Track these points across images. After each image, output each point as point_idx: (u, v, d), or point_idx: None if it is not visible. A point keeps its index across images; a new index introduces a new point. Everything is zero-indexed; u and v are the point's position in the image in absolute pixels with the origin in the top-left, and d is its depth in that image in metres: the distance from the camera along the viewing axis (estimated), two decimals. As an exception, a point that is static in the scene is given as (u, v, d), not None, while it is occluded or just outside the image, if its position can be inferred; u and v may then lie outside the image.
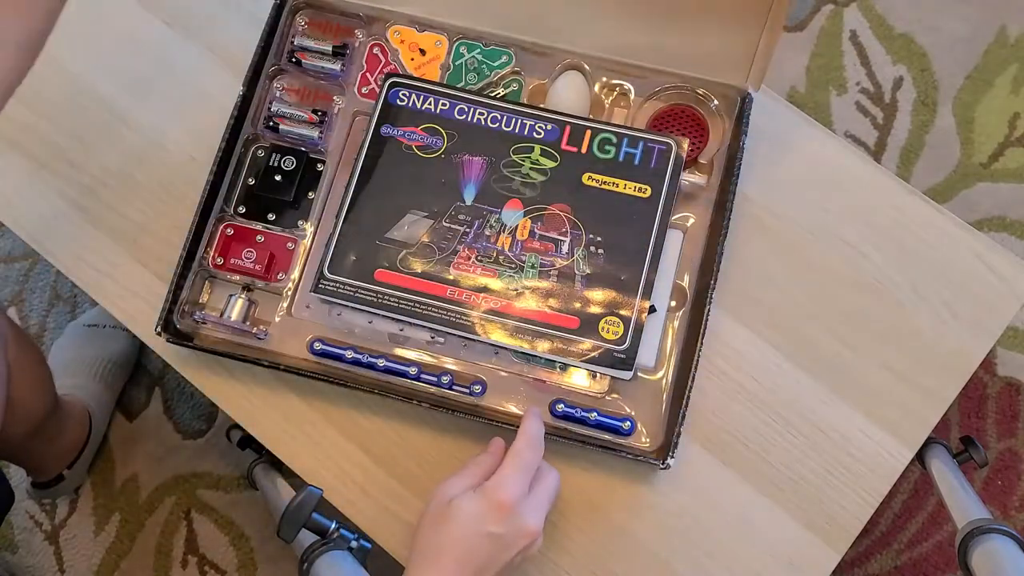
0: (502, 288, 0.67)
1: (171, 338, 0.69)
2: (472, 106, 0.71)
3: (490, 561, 0.57)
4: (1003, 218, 1.23)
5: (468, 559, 0.57)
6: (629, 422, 0.68)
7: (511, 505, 0.57)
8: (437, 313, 0.67)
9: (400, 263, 0.68)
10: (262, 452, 1.05)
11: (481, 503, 0.58)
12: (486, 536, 0.57)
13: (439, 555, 0.57)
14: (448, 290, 0.67)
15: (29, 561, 1.20)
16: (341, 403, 0.72)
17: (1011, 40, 1.29)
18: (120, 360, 1.21)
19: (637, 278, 0.67)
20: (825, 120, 1.28)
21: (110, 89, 0.80)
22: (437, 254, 0.68)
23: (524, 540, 0.58)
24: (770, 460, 0.70)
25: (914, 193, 0.74)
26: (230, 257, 0.71)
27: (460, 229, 0.68)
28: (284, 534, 0.67)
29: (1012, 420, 1.17)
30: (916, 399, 0.70)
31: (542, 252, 0.68)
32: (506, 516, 0.57)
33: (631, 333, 0.66)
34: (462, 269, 0.68)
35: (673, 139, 0.70)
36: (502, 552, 0.57)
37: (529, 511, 0.59)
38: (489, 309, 0.67)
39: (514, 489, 0.58)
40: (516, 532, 0.58)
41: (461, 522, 0.57)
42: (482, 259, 0.68)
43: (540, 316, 0.67)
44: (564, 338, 0.66)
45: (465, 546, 0.57)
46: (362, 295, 0.68)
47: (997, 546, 0.74)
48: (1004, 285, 0.72)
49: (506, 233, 0.68)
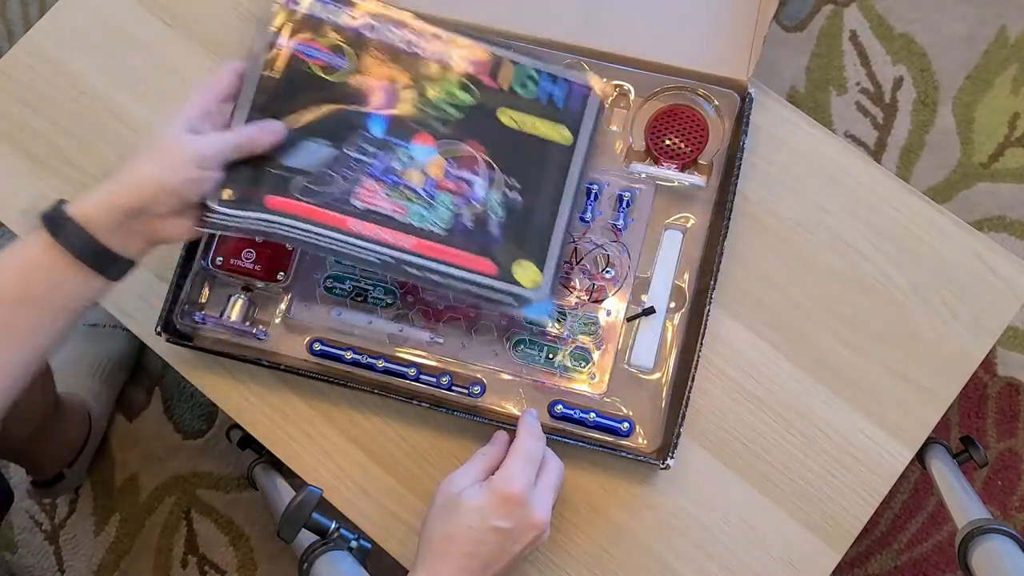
0: (411, 225, 0.61)
1: (171, 338, 0.69)
2: (384, 24, 0.63)
3: (498, 553, 0.57)
4: (1003, 218, 1.23)
5: (476, 552, 0.57)
6: (627, 423, 0.68)
7: (518, 498, 0.58)
8: (339, 246, 0.60)
9: (296, 191, 0.61)
10: (262, 452, 1.05)
11: (488, 496, 0.58)
12: (493, 529, 0.57)
13: (448, 548, 0.57)
14: (351, 222, 0.61)
15: (29, 561, 1.20)
16: (341, 403, 0.72)
17: (1011, 40, 1.29)
18: (120, 360, 1.21)
19: (550, 228, 0.62)
20: (825, 120, 1.28)
21: (110, 89, 0.80)
22: (340, 183, 0.61)
23: (532, 532, 0.58)
24: (770, 460, 0.70)
25: (914, 193, 0.74)
26: (230, 257, 0.71)
27: (366, 160, 0.62)
28: (284, 534, 0.67)
29: (1012, 420, 1.17)
30: (916, 399, 0.70)
31: (455, 192, 0.62)
32: (513, 509, 0.58)
33: (548, 281, 0.61)
34: (367, 201, 0.61)
35: (593, 83, 0.65)
36: (510, 544, 0.58)
37: (536, 503, 0.59)
38: (397, 246, 0.61)
39: (520, 481, 0.58)
40: (524, 525, 0.58)
41: (469, 515, 0.57)
42: (391, 193, 0.61)
43: (452, 257, 0.61)
44: (477, 282, 0.61)
45: (473, 539, 0.57)
46: (253, 224, 0.60)
47: (997, 546, 0.74)
48: (1004, 285, 0.72)
49: (417, 169, 0.62)
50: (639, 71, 0.74)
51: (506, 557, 0.58)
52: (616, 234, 0.72)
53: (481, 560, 0.57)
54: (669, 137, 0.73)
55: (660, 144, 0.73)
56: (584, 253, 0.71)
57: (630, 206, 0.72)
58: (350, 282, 0.71)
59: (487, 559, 0.57)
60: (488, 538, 0.57)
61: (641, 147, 0.74)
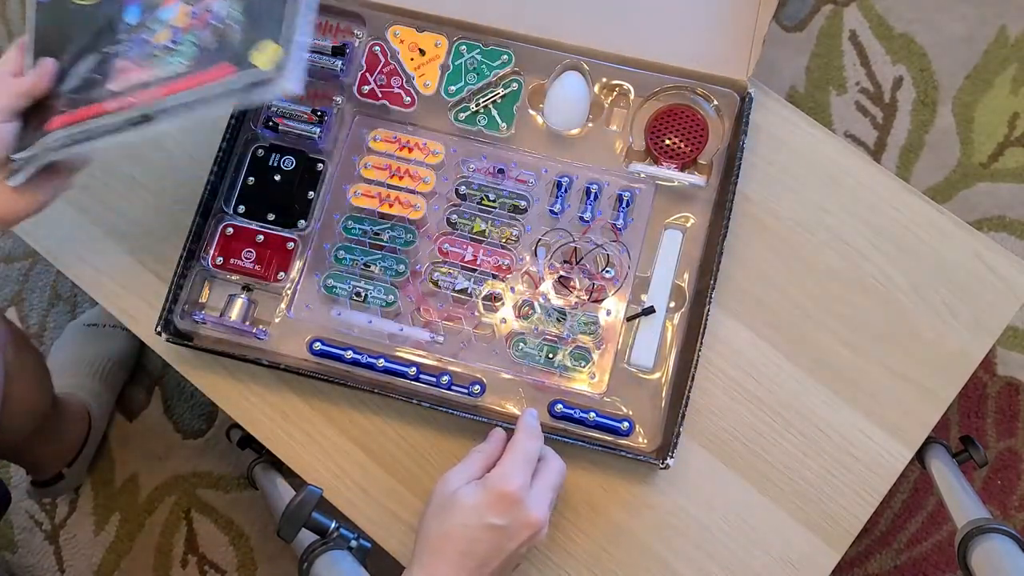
0: (160, 78, 0.61)
1: (171, 338, 0.70)
2: None
3: (494, 552, 0.57)
4: (1003, 218, 1.23)
5: (472, 550, 0.57)
6: (627, 423, 0.68)
7: (513, 496, 0.58)
8: (93, 131, 0.61)
9: (62, 106, 0.62)
10: (262, 452, 1.05)
11: (483, 495, 0.58)
12: (488, 527, 0.57)
13: (443, 547, 0.57)
14: (107, 105, 0.61)
15: (29, 561, 1.20)
16: (341, 403, 0.72)
17: (1011, 40, 1.29)
18: (120, 359, 1.21)
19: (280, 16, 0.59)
20: (825, 120, 1.28)
21: (110, 89, 0.80)
22: (99, 80, 0.63)
23: (528, 531, 0.58)
24: (770, 460, 0.70)
25: (914, 193, 0.74)
26: (230, 257, 0.72)
27: (121, 48, 0.63)
28: (284, 534, 0.67)
29: (1012, 420, 1.17)
30: (916, 399, 0.70)
31: (198, 25, 0.62)
32: (508, 507, 0.57)
33: (293, 54, 0.58)
34: (122, 81, 0.62)
35: None
36: (506, 543, 0.58)
37: (532, 501, 0.59)
38: (144, 101, 0.60)
39: (515, 480, 0.58)
40: (519, 523, 0.58)
41: (463, 514, 0.57)
42: (143, 63, 0.62)
43: (194, 82, 0.60)
44: (217, 91, 0.59)
45: (468, 537, 0.57)
46: (38, 152, 0.62)
47: (997, 546, 0.74)
48: (1004, 285, 0.72)
49: (165, 28, 0.62)
50: (639, 71, 0.74)
51: (502, 555, 0.58)
52: (616, 234, 0.72)
53: (477, 558, 0.57)
54: (669, 137, 0.73)
55: (660, 144, 0.73)
56: (584, 253, 0.71)
57: (630, 206, 0.72)
58: (350, 282, 0.71)
59: (483, 557, 0.57)
60: (483, 536, 0.57)
61: (641, 147, 0.74)
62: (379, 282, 0.71)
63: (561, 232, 0.72)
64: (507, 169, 0.73)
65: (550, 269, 0.71)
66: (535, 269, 0.71)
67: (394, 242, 0.72)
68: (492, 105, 0.74)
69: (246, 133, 0.74)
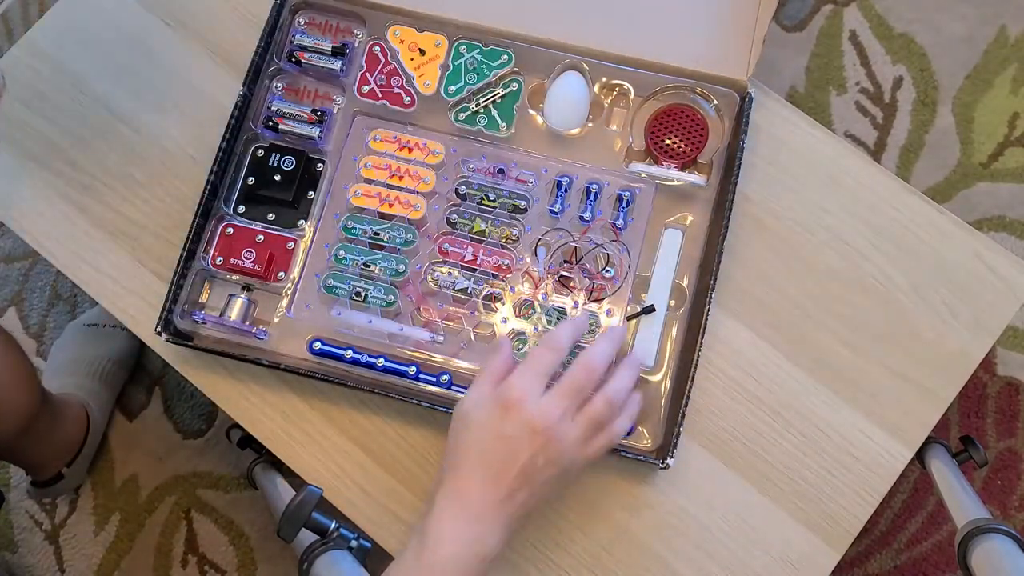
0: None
1: (171, 338, 0.70)
2: None
3: (508, 462, 0.57)
4: (1003, 218, 1.23)
5: (485, 461, 0.57)
6: (629, 422, 0.68)
7: (515, 403, 0.57)
8: None
9: None
10: (262, 452, 1.05)
11: (490, 406, 0.58)
12: (498, 438, 0.57)
13: (459, 462, 0.58)
14: None
15: (29, 561, 1.20)
16: (341, 403, 0.72)
17: (1011, 40, 1.29)
18: (120, 359, 1.21)
19: None
20: (825, 120, 1.28)
21: (110, 89, 0.80)
22: None
23: (537, 438, 0.57)
24: (770, 460, 0.70)
25: (914, 193, 0.74)
26: (230, 257, 0.72)
27: None
28: (284, 534, 0.67)
29: (1012, 420, 1.17)
30: (916, 399, 0.70)
31: None
32: (513, 414, 0.57)
33: None
34: None
35: None
36: (518, 452, 0.57)
37: (537, 408, 0.57)
38: None
39: (518, 387, 0.58)
40: (525, 430, 0.57)
41: (474, 427, 0.58)
42: None
43: None
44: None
45: (480, 448, 0.57)
46: None
47: (997, 546, 0.74)
48: (1004, 285, 0.72)
49: None
50: (639, 71, 0.74)
51: (516, 465, 0.57)
52: (616, 233, 0.72)
53: (492, 469, 0.57)
54: (669, 137, 0.73)
55: (660, 144, 0.73)
56: (584, 252, 0.71)
57: (630, 205, 0.72)
58: (350, 282, 0.71)
59: (497, 468, 0.57)
60: (495, 447, 0.57)
61: (641, 147, 0.74)
62: (379, 282, 0.71)
63: (561, 232, 0.72)
64: (507, 169, 0.73)
65: (550, 269, 0.71)
66: (535, 269, 0.71)
67: (394, 242, 0.72)
68: (492, 105, 0.74)
69: (246, 133, 0.74)
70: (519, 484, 0.57)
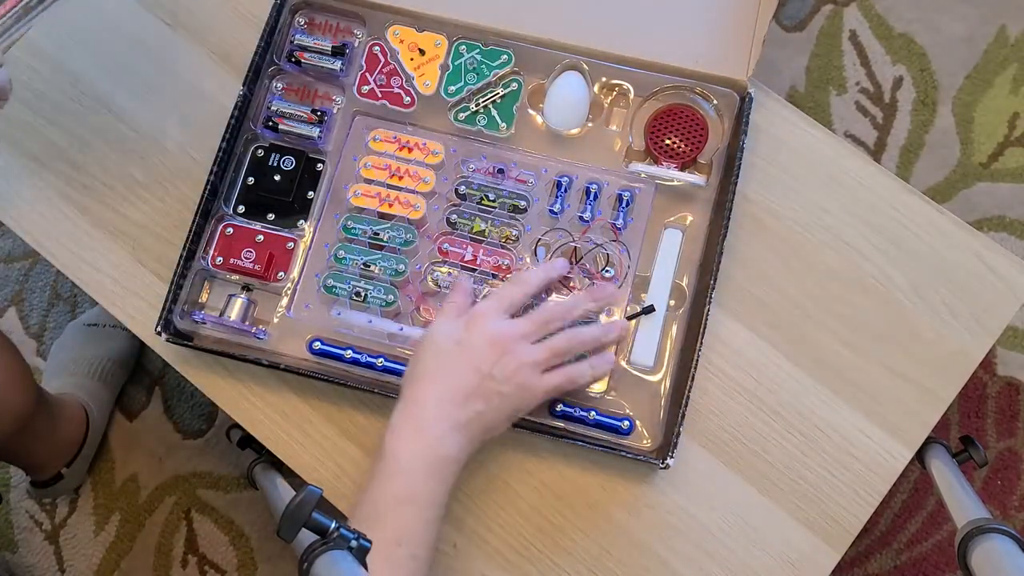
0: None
1: (171, 338, 0.70)
2: None
3: (462, 370, 0.60)
4: (1003, 218, 1.23)
5: (440, 370, 0.60)
6: (628, 421, 0.68)
7: (480, 318, 0.61)
8: None
9: None
10: (262, 452, 1.05)
11: (453, 325, 0.61)
12: (457, 345, 0.61)
13: (415, 376, 0.61)
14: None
15: (29, 560, 1.20)
16: (341, 403, 0.72)
17: (1011, 40, 1.29)
18: (120, 359, 1.21)
19: None
20: (825, 120, 1.28)
21: (110, 89, 0.80)
22: None
23: (494, 350, 0.60)
24: (770, 460, 0.70)
25: (914, 193, 0.74)
26: (230, 257, 0.71)
27: None
28: (284, 534, 0.67)
29: (1012, 420, 1.17)
30: (916, 399, 0.70)
31: None
32: (471, 324, 0.61)
33: None
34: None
35: None
36: (473, 360, 0.60)
37: (496, 322, 0.61)
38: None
39: (485, 308, 0.62)
40: (483, 340, 0.60)
41: (434, 344, 0.61)
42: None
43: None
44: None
45: (438, 361, 0.61)
46: None
47: (997, 546, 0.74)
48: (1004, 285, 0.72)
49: None
50: (639, 71, 0.74)
51: (471, 372, 0.60)
52: (616, 233, 0.72)
53: (448, 376, 0.60)
54: (669, 137, 0.73)
55: (660, 144, 0.73)
56: (584, 252, 0.71)
57: (630, 205, 0.72)
58: (350, 282, 0.71)
59: (454, 375, 0.60)
60: (453, 354, 0.60)
61: (641, 147, 0.74)
62: (379, 282, 0.71)
63: (561, 232, 0.72)
64: (507, 169, 0.73)
65: (550, 269, 0.71)
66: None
67: (394, 242, 0.72)
68: (492, 105, 0.74)
69: (246, 133, 0.74)
70: (474, 391, 0.60)
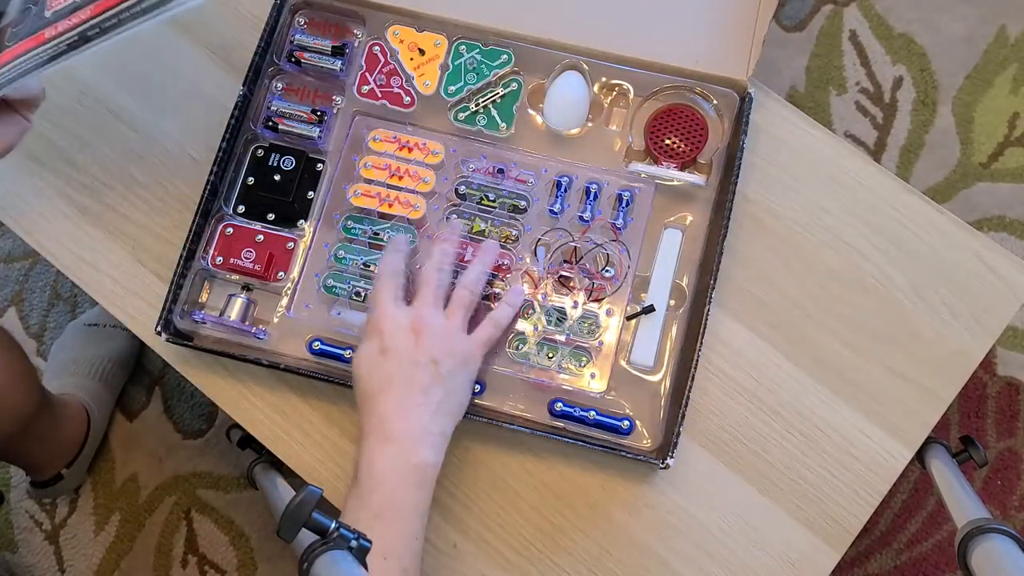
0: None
1: (171, 338, 0.70)
2: None
3: (403, 371, 0.61)
4: (1003, 218, 1.23)
5: (384, 382, 0.61)
6: (628, 421, 0.68)
7: (387, 318, 0.63)
8: (38, 59, 0.60)
9: (6, 40, 0.62)
10: (262, 452, 1.05)
11: (367, 343, 0.64)
12: (383, 354, 0.62)
13: (364, 402, 0.63)
14: (46, 33, 0.60)
15: (29, 560, 1.20)
16: (341, 403, 0.72)
17: (1011, 40, 1.29)
18: (120, 359, 1.21)
19: None
20: (825, 120, 1.28)
21: (110, 89, 0.80)
22: (33, 9, 0.62)
23: (415, 335, 0.62)
24: (770, 460, 0.70)
25: (914, 193, 0.74)
26: (230, 257, 0.71)
27: None
28: (284, 534, 0.67)
29: (1012, 420, 1.17)
30: (916, 399, 0.70)
31: None
32: (387, 330, 0.63)
33: None
34: (55, 6, 0.61)
35: None
36: (406, 355, 0.62)
37: (406, 311, 0.64)
38: (80, 21, 0.59)
39: (383, 310, 0.64)
40: (401, 334, 0.62)
41: (362, 367, 0.63)
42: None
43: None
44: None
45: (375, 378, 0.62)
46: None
47: (997, 546, 0.74)
48: (1004, 285, 0.72)
49: None
50: (639, 71, 0.74)
51: (412, 367, 0.61)
52: (616, 233, 0.72)
53: (394, 384, 0.61)
54: (669, 136, 0.73)
55: (660, 144, 0.73)
56: (584, 252, 0.71)
57: (630, 205, 0.72)
58: (350, 282, 0.71)
59: (398, 379, 0.61)
60: (385, 364, 0.62)
61: (641, 147, 0.74)
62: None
63: (561, 232, 0.72)
64: (507, 169, 0.73)
65: (550, 269, 0.71)
66: (535, 269, 0.71)
67: (394, 242, 0.72)
68: (492, 105, 0.74)
69: (246, 133, 0.74)
70: (426, 383, 0.61)
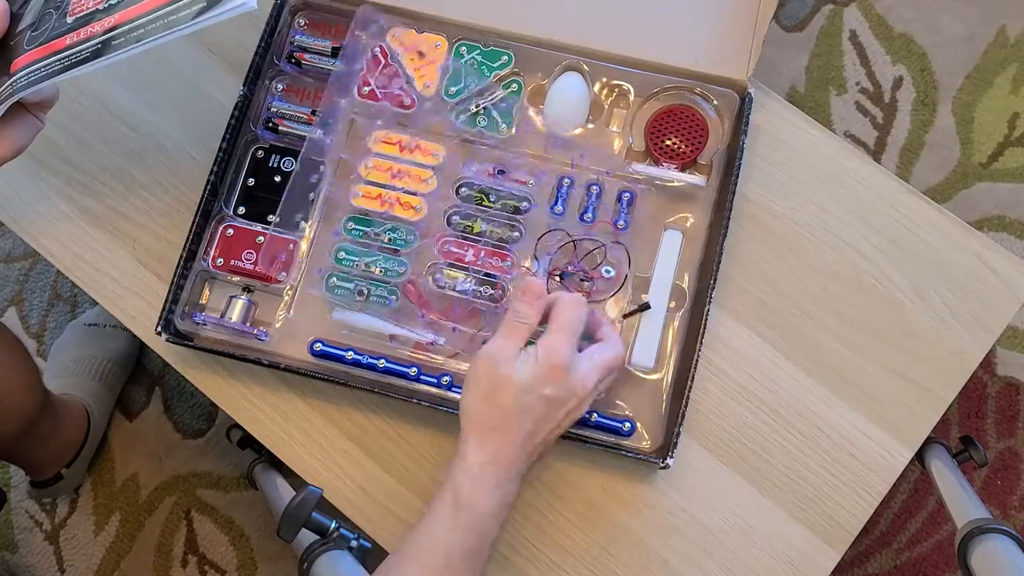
0: (117, 4, 0.59)
1: (171, 338, 0.70)
2: None
3: (544, 421, 0.60)
4: (1003, 218, 1.23)
5: (525, 421, 0.59)
6: (629, 423, 0.68)
7: (562, 366, 0.59)
8: (58, 66, 0.59)
9: (25, 44, 0.62)
10: (262, 452, 1.05)
11: (535, 368, 0.60)
12: (541, 399, 0.59)
13: (499, 422, 0.59)
14: (67, 39, 0.60)
15: (29, 560, 1.21)
16: (341, 403, 0.72)
17: (1011, 40, 1.29)
18: (120, 360, 1.21)
19: None
20: (825, 120, 1.28)
21: (110, 89, 0.80)
22: (54, 14, 0.61)
23: (574, 400, 0.61)
24: (770, 460, 0.70)
25: (914, 193, 0.74)
26: (230, 258, 0.72)
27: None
28: (284, 534, 0.67)
29: (1012, 420, 1.17)
30: (916, 399, 0.70)
31: None
32: (558, 378, 0.59)
33: None
34: (77, 12, 0.60)
35: None
36: (554, 411, 0.60)
37: (580, 372, 0.61)
38: (104, 29, 0.59)
39: (563, 351, 0.60)
40: (567, 392, 0.60)
41: (518, 389, 0.59)
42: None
43: (149, 4, 0.58)
44: (174, 8, 0.59)
45: (522, 408, 0.59)
46: (5, 94, 0.60)
47: (997, 546, 0.74)
48: (1004, 285, 0.72)
49: None
50: (639, 71, 0.74)
51: (550, 423, 0.60)
52: (616, 234, 0.72)
53: (529, 428, 0.59)
54: (669, 137, 0.73)
55: (660, 144, 0.73)
56: (584, 253, 0.71)
57: (630, 206, 0.72)
58: (351, 282, 0.71)
59: (534, 426, 0.59)
60: (536, 407, 0.59)
61: (641, 147, 0.74)
62: (380, 283, 0.71)
63: (561, 232, 0.72)
64: (507, 170, 0.73)
65: (550, 269, 0.71)
66: (535, 269, 0.71)
67: (394, 243, 0.72)
68: (492, 106, 0.74)
69: (246, 134, 0.74)
70: (544, 442, 0.61)
